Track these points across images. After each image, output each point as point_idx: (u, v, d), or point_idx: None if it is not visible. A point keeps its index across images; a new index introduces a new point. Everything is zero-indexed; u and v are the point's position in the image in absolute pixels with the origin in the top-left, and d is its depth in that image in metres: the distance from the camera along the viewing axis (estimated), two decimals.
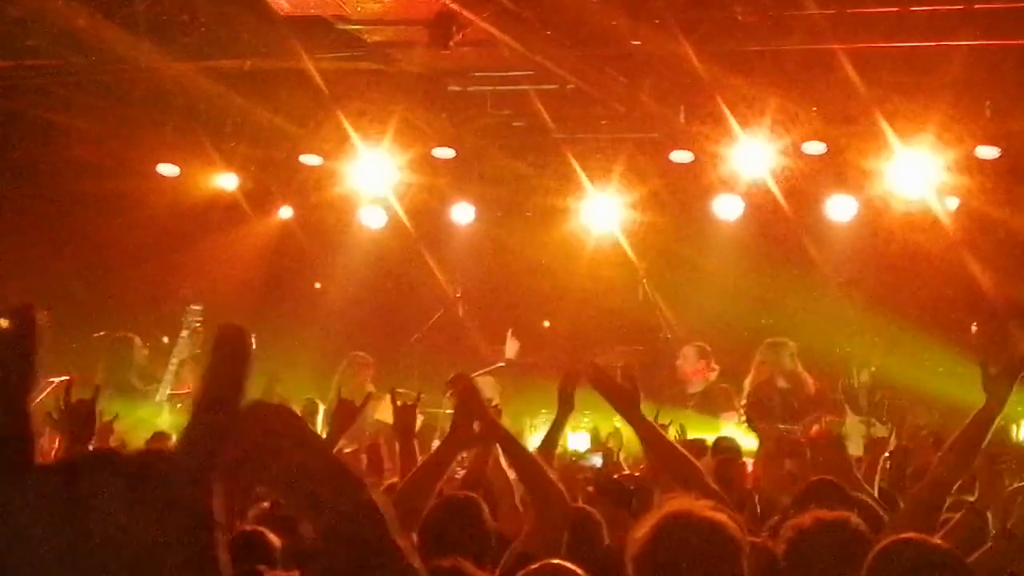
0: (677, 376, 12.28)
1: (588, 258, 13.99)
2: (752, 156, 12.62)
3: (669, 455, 5.17)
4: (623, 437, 8.96)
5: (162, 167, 14.00)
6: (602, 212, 13.80)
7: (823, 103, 12.15)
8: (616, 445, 9.09)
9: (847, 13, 10.09)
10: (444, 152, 13.73)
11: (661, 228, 13.72)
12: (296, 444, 2.03)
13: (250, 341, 1.91)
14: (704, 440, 8.48)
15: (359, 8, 10.23)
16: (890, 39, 10.54)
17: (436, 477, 5.38)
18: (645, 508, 5.12)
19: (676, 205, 13.77)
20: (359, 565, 2.08)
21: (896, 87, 11.39)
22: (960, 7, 9.99)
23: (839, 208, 13.21)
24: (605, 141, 13.59)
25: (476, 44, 10.82)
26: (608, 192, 13.63)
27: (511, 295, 14.49)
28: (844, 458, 6.58)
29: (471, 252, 14.72)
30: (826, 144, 12.44)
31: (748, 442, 8.64)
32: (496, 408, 6.88)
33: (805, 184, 12.82)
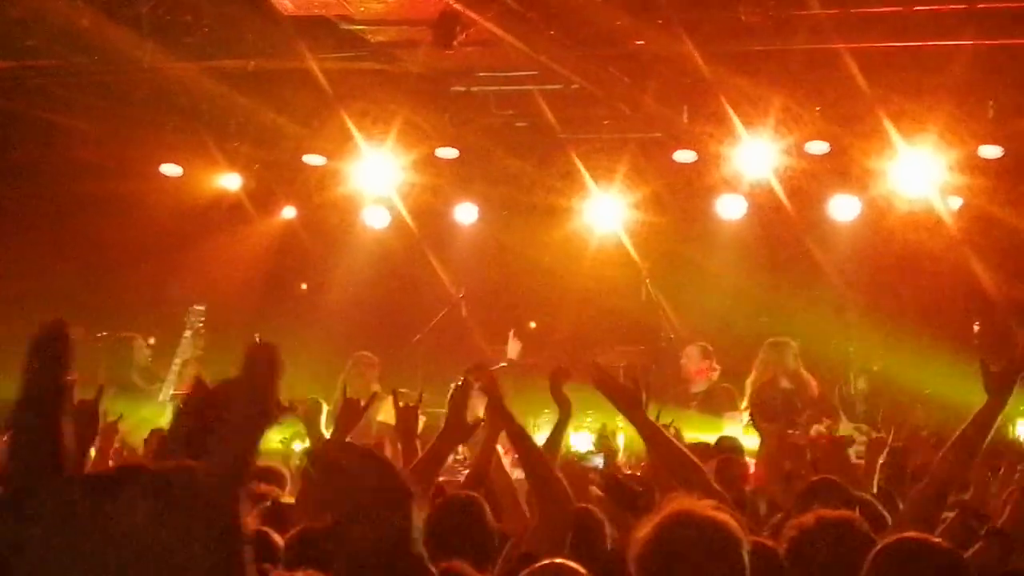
0: (680, 376, 12.28)
1: (591, 258, 13.98)
2: (755, 156, 12.62)
3: (672, 455, 5.17)
4: (625, 437, 8.95)
5: (165, 167, 13.99)
6: (605, 212, 13.79)
7: (826, 103, 12.14)
8: (617, 445, 9.07)
9: (850, 13, 10.08)
10: (447, 152, 13.71)
11: (664, 228, 13.72)
12: (375, 488, 2.10)
13: (280, 359, 1.94)
14: (708, 444, 8.47)
15: (362, 8, 10.21)
16: (893, 39, 10.52)
17: (432, 474, 5.38)
18: (648, 508, 5.12)
19: (679, 205, 13.76)
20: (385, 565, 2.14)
21: (899, 87, 11.39)
22: (963, 7, 9.97)
23: (842, 208, 13.20)
24: (608, 141, 13.57)
25: (480, 44, 10.80)
26: (611, 192, 13.62)
27: (514, 295, 14.49)
28: (845, 458, 6.58)
29: (474, 252, 14.70)
30: (829, 144, 12.43)
31: (750, 441, 8.63)
32: None
33: (808, 184, 12.81)
